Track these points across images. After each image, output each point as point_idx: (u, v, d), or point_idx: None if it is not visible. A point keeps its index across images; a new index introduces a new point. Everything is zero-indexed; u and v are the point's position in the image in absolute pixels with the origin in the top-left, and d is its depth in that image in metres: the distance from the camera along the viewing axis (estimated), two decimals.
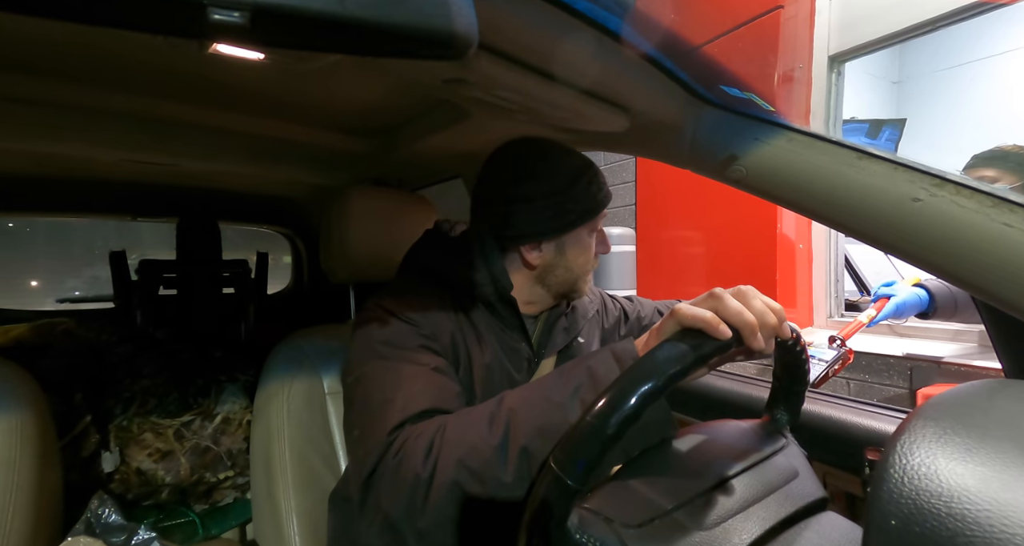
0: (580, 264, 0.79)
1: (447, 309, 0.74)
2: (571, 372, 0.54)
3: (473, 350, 0.73)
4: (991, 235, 0.44)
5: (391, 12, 0.29)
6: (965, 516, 0.24)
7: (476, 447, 0.51)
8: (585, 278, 0.81)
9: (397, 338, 0.67)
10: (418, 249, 0.83)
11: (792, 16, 1.32)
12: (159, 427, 1.25)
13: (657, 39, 0.55)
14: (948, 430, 0.28)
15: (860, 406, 0.79)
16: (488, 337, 0.75)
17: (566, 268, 0.78)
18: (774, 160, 0.58)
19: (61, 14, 0.26)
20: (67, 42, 0.65)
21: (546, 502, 0.38)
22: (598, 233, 0.81)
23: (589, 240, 0.79)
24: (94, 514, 0.96)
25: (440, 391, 0.62)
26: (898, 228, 0.50)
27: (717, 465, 0.46)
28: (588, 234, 0.78)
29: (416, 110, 0.93)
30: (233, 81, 0.78)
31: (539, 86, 0.58)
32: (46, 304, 2.03)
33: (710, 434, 0.52)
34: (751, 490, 0.44)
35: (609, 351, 0.53)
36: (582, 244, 0.78)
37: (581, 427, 0.39)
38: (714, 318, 0.44)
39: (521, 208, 0.74)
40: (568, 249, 0.77)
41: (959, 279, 0.48)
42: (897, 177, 0.50)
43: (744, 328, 0.45)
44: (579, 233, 0.77)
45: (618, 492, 0.44)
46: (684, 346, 0.42)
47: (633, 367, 0.41)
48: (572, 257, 0.78)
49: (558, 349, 0.84)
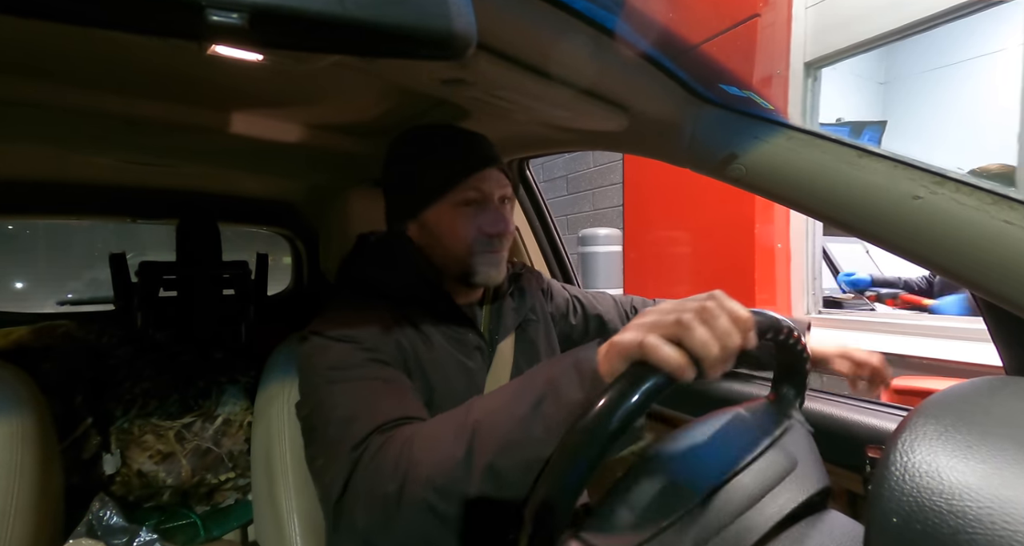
0: (453, 242, 0.74)
1: (384, 317, 0.72)
2: (534, 381, 0.52)
3: (420, 350, 0.72)
4: (991, 232, 0.44)
5: (389, 12, 0.29)
6: (966, 513, 0.24)
7: (441, 463, 0.50)
8: (479, 258, 0.75)
9: (341, 360, 0.65)
10: (345, 265, 0.83)
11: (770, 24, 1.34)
12: (160, 429, 1.25)
13: (655, 38, 0.55)
14: (949, 428, 0.28)
15: (861, 404, 0.79)
16: (432, 333, 0.74)
17: (442, 246, 0.76)
18: (774, 159, 0.58)
19: (60, 16, 0.26)
20: (66, 44, 0.65)
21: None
22: (485, 211, 0.74)
23: (455, 216, 0.74)
24: (95, 516, 0.96)
25: (398, 400, 0.61)
26: (899, 226, 0.50)
27: (708, 471, 0.45)
28: (452, 210, 0.74)
29: (416, 110, 0.93)
30: (232, 82, 0.78)
31: (538, 86, 0.58)
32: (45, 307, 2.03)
33: (705, 431, 0.51)
34: (747, 493, 0.43)
35: (572, 362, 0.50)
36: (446, 221, 0.74)
37: (539, 495, 0.38)
38: (680, 363, 0.40)
39: (389, 191, 0.79)
40: (433, 226, 0.75)
41: (959, 276, 0.48)
42: (897, 175, 0.50)
43: (706, 360, 0.41)
44: (438, 210, 0.74)
45: (608, 515, 0.43)
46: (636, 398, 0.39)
47: (577, 431, 0.38)
48: (440, 234, 0.75)
49: (510, 331, 0.83)
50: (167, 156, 1.06)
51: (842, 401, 0.80)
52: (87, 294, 2.04)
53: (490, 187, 0.74)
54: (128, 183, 1.41)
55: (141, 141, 0.96)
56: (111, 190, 1.46)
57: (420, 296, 0.76)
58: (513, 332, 0.84)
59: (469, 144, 0.75)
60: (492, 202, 0.75)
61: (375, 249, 0.82)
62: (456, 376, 0.74)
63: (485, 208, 0.75)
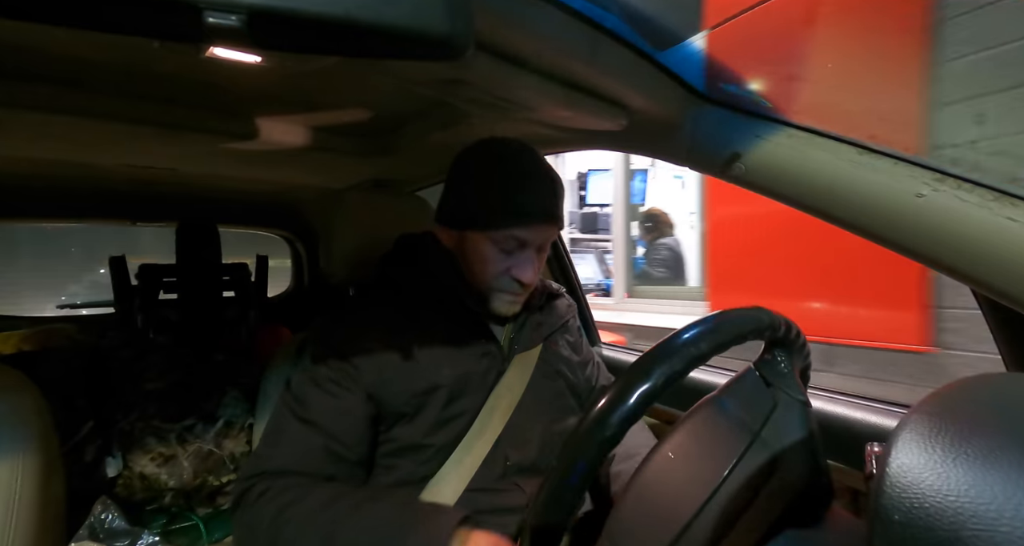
0: (477, 271, 0.76)
1: (386, 321, 0.75)
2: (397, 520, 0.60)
3: (416, 351, 0.74)
4: (995, 230, 0.44)
5: (387, 13, 0.28)
6: (968, 510, 0.24)
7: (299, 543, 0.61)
8: (499, 295, 0.76)
9: (306, 393, 0.72)
10: (380, 264, 0.86)
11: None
12: (161, 431, 1.25)
13: (654, 36, 0.55)
14: (950, 424, 0.28)
15: (862, 401, 0.79)
16: (437, 333, 0.76)
17: (468, 268, 0.77)
18: (774, 157, 0.58)
19: (60, 20, 0.26)
20: (66, 48, 0.65)
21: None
22: (520, 256, 0.75)
23: (489, 251, 0.74)
24: (98, 519, 0.96)
25: (302, 451, 0.69)
26: (902, 224, 0.49)
27: (686, 495, 0.42)
28: (489, 245, 0.74)
29: (415, 111, 0.93)
30: (231, 85, 0.78)
31: (538, 86, 0.58)
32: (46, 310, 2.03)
33: (680, 442, 0.46)
34: (740, 497, 0.41)
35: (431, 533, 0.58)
36: (480, 251, 0.74)
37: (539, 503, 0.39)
38: None
39: (447, 189, 0.79)
40: (467, 247, 0.76)
41: (962, 274, 0.48)
42: (899, 172, 0.50)
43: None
44: (476, 237, 0.74)
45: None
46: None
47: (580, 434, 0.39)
48: (471, 259, 0.76)
49: (530, 346, 0.83)
50: (167, 159, 1.06)
51: (843, 398, 0.80)
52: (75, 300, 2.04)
53: (533, 238, 0.74)
54: (128, 186, 1.41)
55: (141, 144, 0.96)
56: (111, 193, 1.46)
57: (434, 294, 0.78)
58: (540, 345, 0.84)
59: (533, 190, 0.73)
60: (530, 250, 0.75)
61: (406, 245, 0.84)
62: (461, 378, 0.75)
63: (521, 253, 0.75)
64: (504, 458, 0.74)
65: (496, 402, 0.76)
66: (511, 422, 0.76)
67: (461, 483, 0.72)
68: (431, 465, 0.72)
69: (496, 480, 0.73)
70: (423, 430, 0.72)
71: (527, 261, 0.75)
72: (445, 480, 0.72)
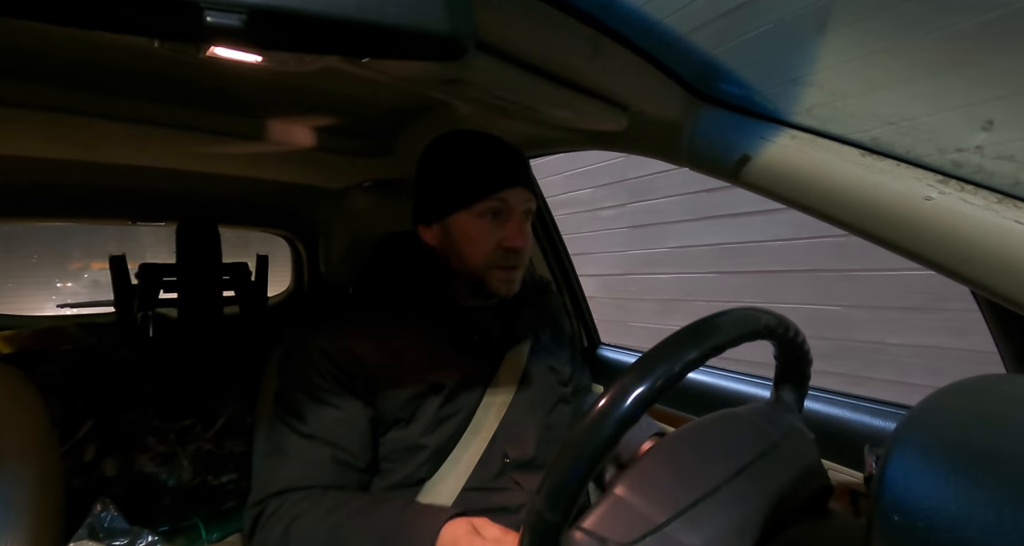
0: (469, 253, 0.75)
1: (377, 327, 0.75)
2: (396, 520, 0.61)
3: (410, 356, 0.74)
4: (1001, 233, 0.43)
5: (388, 13, 0.28)
6: (967, 512, 0.24)
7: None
8: (494, 274, 0.76)
9: (302, 407, 0.71)
10: (364, 266, 0.86)
11: None
12: (161, 431, 1.25)
13: (654, 36, 0.55)
14: (950, 425, 0.28)
15: (862, 403, 0.79)
16: (430, 337, 0.76)
17: (459, 254, 0.76)
18: (776, 158, 0.57)
19: (60, 20, 0.25)
20: (66, 47, 0.65)
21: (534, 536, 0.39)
22: (507, 224, 0.75)
23: (476, 227, 0.74)
24: (97, 519, 0.95)
25: (308, 465, 0.69)
26: (909, 227, 0.48)
27: (712, 468, 0.46)
28: (475, 221, 0.74)
29: (415, 111, 0.92)
30: (231, 84, 0.78)
31: (538, 86, 0.58)
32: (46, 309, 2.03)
33: (706, 431, 0.51)
34: (747, 494, 0.43)
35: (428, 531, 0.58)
36: (467, 231, 0.75)
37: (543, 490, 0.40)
38: None
39: (418, 191, 0.80)
40: (453, 233, 0.76)
41: (966, 278, 0.47)
42: (903, 174, 0.49)
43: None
44: (460, 218, 0.75)
45: (612, 507, 0.43)
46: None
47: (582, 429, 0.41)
48: (460, 242, 0.76)
49: (524, 338, 0.84)
50: (167, 158, 1.06)
51: (843, 400, 0.80)
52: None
53: (516, 200, 0.75)
54: (128, 185, 1.41)
55: (141, 144, 0.96)
56: (111, 192, 1.46)
57: (424, 299, 0.78)
58: (529, 340, 0.85)
59: (502, 157, 0.76)
60: (516, 215, 0.76)
61: (390, 250, 0.84)
62: (454, 377, 0.75)
63: (507, 221, 0.75)
64: (502, 455, 0.75)
65: (491, 399, 0.76)
66: (506, 419, 0.76)
67: (459, 483, 0.72)
68: (428, 466, 0.73)
69: (493, 478, 0.74)
70: (419, 431, 0.72)
71: (515, 227, 0.75)
72: (443, 481, 0.72)
